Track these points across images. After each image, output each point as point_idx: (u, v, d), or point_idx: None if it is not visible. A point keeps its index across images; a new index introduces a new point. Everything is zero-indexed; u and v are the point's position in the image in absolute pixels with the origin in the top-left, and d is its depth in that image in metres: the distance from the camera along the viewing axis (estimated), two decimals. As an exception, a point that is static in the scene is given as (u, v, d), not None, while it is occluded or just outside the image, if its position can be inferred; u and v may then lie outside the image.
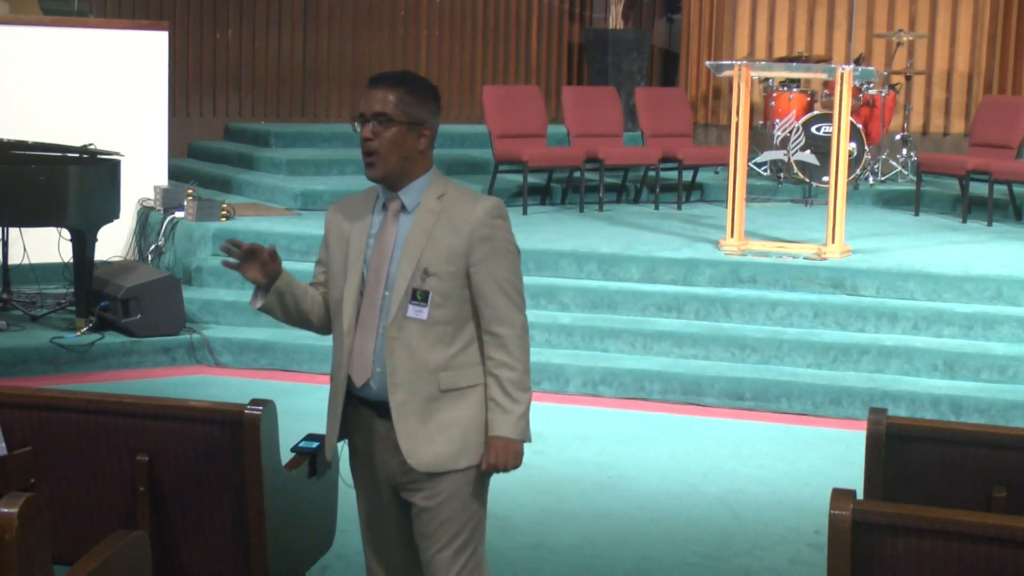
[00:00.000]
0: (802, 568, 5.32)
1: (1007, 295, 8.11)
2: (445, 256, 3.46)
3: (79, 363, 7.87)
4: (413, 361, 3.45)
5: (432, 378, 3.47)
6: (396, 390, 3.46)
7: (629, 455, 6.68)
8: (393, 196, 3.52)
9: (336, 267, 3.57)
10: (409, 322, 3.45)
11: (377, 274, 3.49)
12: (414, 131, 3.48)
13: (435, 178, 3.55)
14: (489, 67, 13.61)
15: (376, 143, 3.45)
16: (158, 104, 9.93)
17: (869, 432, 3.88)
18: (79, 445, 3.84)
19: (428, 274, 3.45)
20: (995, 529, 2.98)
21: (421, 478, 3.49)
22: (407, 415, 3.46)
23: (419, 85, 3.53)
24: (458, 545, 3.53)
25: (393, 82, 3.48)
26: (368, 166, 3.49)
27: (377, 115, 3.45)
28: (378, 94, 3.47)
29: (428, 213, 3.49)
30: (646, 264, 8.58)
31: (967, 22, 12.78)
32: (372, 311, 3.49)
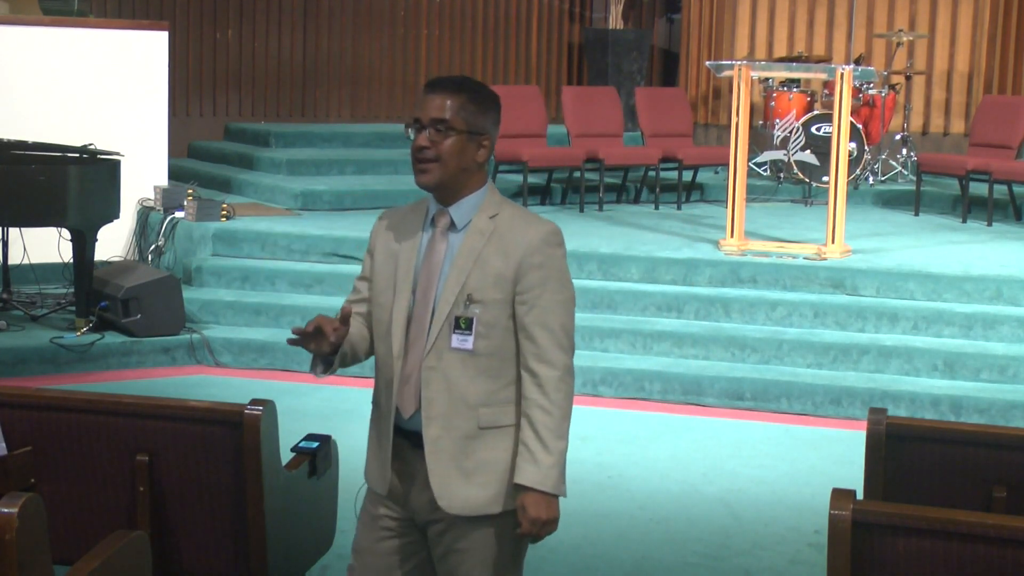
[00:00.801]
0: (802, 568, 5.32)
1: (1007, 295, 8.11)
2: (492, 282, 3.20)
3: (79, 363, 7.87)
4: (451, 394, 3.21)
5: (471, 414, 3.22)
6: (431, 424, 3.21)
7: (629, 455, 6.68)
8: (443, 211, 3.26)
9: (382, 284, 3.32)
10: (450, 352, 3.20)
11: (425, 296, 3.24)
12: (474, 141, 3.22)
13: (490, 196, 3.28)
14: (489, 67, 13.61)
15: (433, 151, 3.19)
16: (158, 104, 9.94)
17: (869, 432, 3.88)
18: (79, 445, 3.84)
19: (472, 301, 3.19)
20: (995, 529, 2.98)
21: (453, 519, 3.26)
22: (440, 452, 3.22)
23: (481, 92, 3.26)
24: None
25: (454, 88, 3.22)
26: (420, 172, 3.23)
27: (436, 122, 3.19)
28: (437, 100, 3.20)
29: (478, 234, 3.23)
30: (646, 264, 8.58)
31: (967, 22, 12.78)
32: (420, 334, 3.24)
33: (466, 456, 3.23)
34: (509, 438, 3.26)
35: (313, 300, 8.57)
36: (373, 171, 11.13)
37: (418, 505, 3.29)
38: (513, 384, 3.26)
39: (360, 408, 7.37)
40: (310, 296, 8.68)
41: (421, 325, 3.24)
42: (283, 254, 9.09)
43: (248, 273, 8.88)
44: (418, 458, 3.26)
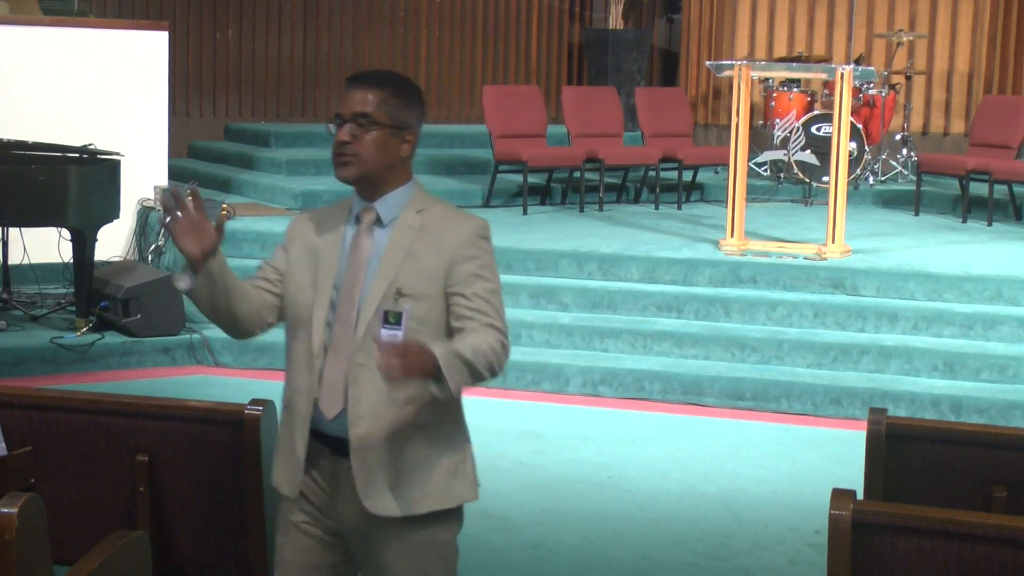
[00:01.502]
0: (802, 568, 5.32)
1: (1007, 295, 8.11)
2: (424, 276, 3.12)
3: (79, 363, 7.87)
4: (380, 392, 3.07)
5: (403, 411, 3.11)
6: (359, 423, 3.10)
7: (629, 455, 6.68)
8: (368, 207, 3.19)
9: (301, 281, 3.22)
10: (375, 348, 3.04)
11: (350, 294, 3.14)
12: (397, 136, 3.17)
13: (416, 191, 3.23)
14: (489, 67, 13.60)
15: (354, 146, 3.13)
16: (158, 104, 9.93)
17: (869, 432, 3.88)
18: (79, 445, 3.84)
19: (402, 295, 3.10)
20: (995, 529, 2.98)
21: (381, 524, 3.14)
22: (368, 451, 3.10)
23: (404, 86, 3.20)
24: None
25: (376, 81, 3.16)
26: (341, 165, 3.16)
27: (358, 116, 3.13)
28: (359, 94, 3.14)
29: (407, 229, 3.15)
30: (646, 264, 8.58)
31: (967, 22, 12.78)
32: (346, 335, 3.14)
33: (394, 456, 3.12)
34: (442, 436, 3.18)
35: (313, 300, 8.56)
36: (373, 171, 11.12)
37: (344, 514, 3.18)
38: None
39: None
40: (310, 296, 8.67)
41: (346, 323, 3.15)
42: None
43: (248, 273, 8.79)
44: (341, 465, 3.15)
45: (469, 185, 11.01)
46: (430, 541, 3.21)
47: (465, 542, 4.57)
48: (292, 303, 3.25)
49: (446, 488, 3.19)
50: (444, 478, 3.18)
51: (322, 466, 3.19)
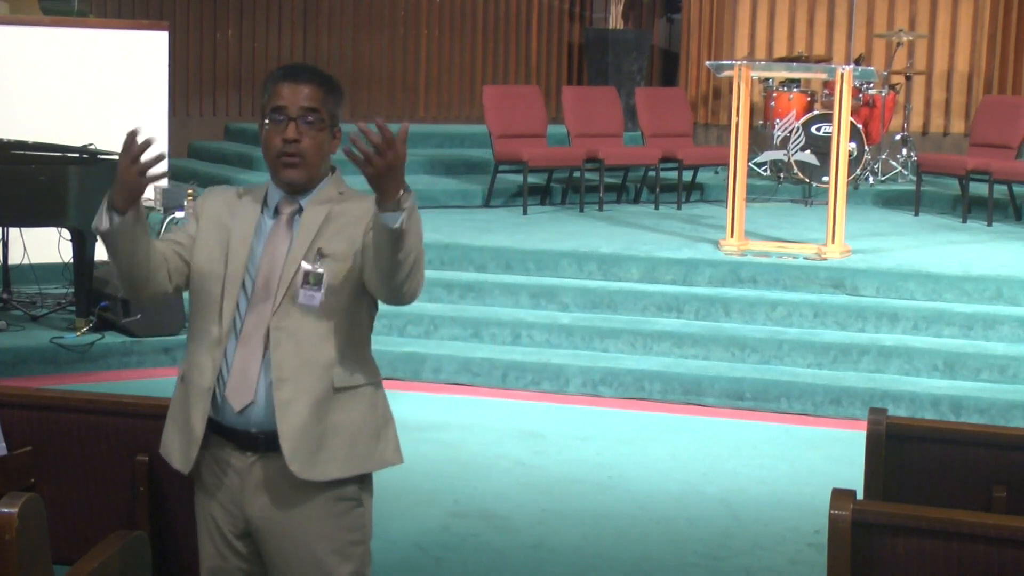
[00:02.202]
0: (802, 568, 5.31)
1: (1007, 295, 8.11)
2: (345, 239, 3.07)
3: (79, 363, 7.87)
4: (302, 355, 3.04)
5: (324, 374, 3.06)
6: (282, 387, 3.03)
7: (629, 455, 6.67)
8: (291, 199, 3.14)
9: (209, 254, 3.13)
10: (299, 311, 3.04)
11: (267, 282, 3.08)
12: (332, 133, 3.15)
13: (338, 179, 3.20)
14: (489, 67, 13.60)
15: (301, 146, 3.07)
16: (158, 104, 9.94)
17: (869, 432, 3.88)
18: (79, 445, 3.84)
19: (323, 255, 3.05)
20: (995, 529, 2.98)
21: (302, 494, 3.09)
22: (293, 416, 3.03)
23: (336, 82, 3.20)
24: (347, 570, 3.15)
25: (318, 77, 3.14)
26: (289, 167, 3.08)
27: (307, 111, 3.08)
28: (305, 89, 3.10)
29: (323, 202, 3.12)
30: (646, 264, 8.58)
31: (967, 22, 12.78)
32: (259, 327, 3.06)
33: (319, 419, 3.06)
34: (364, 399, 3.13)
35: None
36: (373, 171, 11.11)
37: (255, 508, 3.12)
38: (362, 344, 3.15)
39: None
40: (310, 296, 8.67)
41: (260, 314, 3.07)
42: (283, 254, 9.07)
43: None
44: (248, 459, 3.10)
45: (469, 185, 11.02)
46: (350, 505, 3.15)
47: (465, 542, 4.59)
48: (198, 274, 3.16)
49: (370, 451, 3.15)
50: (368, 441, 3.14)
51: (228, 463, 3.13)
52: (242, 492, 3.12)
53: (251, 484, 3.11)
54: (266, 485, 3.11)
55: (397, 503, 5.81)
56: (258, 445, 3.09)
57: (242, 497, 3.13)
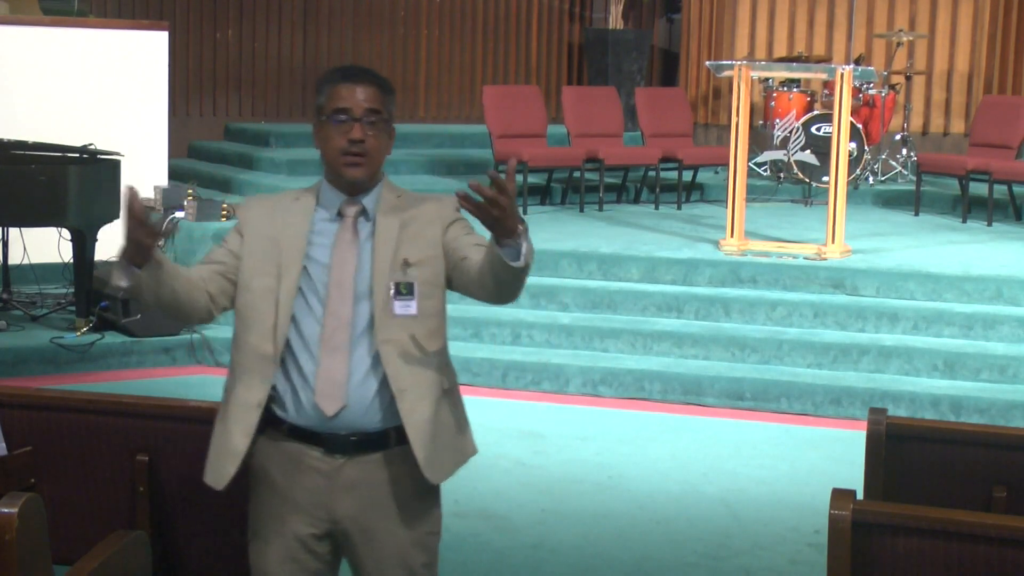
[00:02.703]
0: (802, 568, 5.32)
1: (1007, 295, 8.11)
2: (424, 242, 3.15)
3: (79, 363, 7.87)
4: (413, 363, 3.11)
5: (436, 377, 3.16)
6: (403, 397, 3.09)
7: (629, 455, 6.67)
8: (353, 201, 3.19)
9: (258, 269, 3.18)
10: (398, 322, 3.10)
11: (341, 289, 3.12)
12: (391, 133, 3.23)
13: (389, 182, 3.26)
14: (489, 67, 13.60)
15: (369, 144, 3.14)
16: (158, 104, 9.94)
17: (869, 432, 3.88)
18: (79, 445, 3.84)
19: (409, 264, 3.12)
20: (995, 529, 2.98)
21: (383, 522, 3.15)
22: (420, 423, 3.11)
23: (391, 83, 3.27)
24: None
25: (376, 78, 3.20)
26: (354, 165, 3.14)
27: (371, 112, 3.15)
28: (367, 90, 3.16)
29: (391, 211, 3.17)
30: (646, 264, 8.58)
31: (967, 22, 12.78)
32: (340, 329, 3.10)
33: (437, 421, 3.14)
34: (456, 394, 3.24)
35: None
36: (373, 171, 11.11)
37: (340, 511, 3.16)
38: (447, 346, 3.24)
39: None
40: (310, 296, 8.67)
41: (338, 318, 3.11)
42: (283, 254, 9.07)
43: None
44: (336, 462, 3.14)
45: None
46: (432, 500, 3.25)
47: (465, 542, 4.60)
48: (246, 291, 3.20)
49: (464, 444, 3.26)
50: (462, 434, 3.25)
51: (312, 466, 3.15)
52: (329, 494, 3.15)
53: (339, 485, 3.14)
54: (356, 485, 3.14)
55: (397, 503, 5.81)
56: (349, 448, 3.13)
57: (329, 499, 3.15)
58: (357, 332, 3.12)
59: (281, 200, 3.27)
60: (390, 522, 3.16)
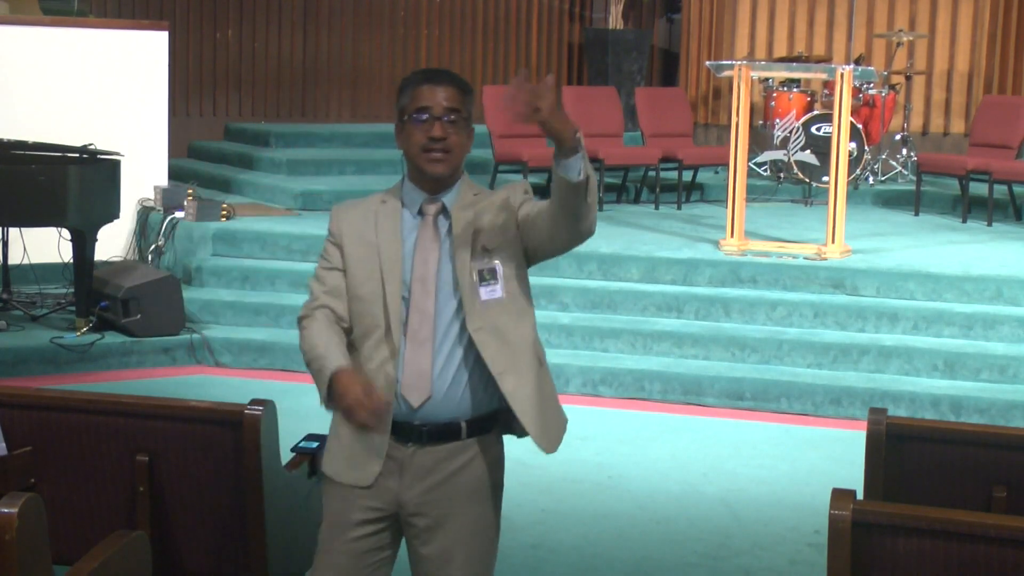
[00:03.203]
0: (802, 568, 5.32)
1: (1007, 295, 8.11)
2: (500, 227, 3.30)
3: (79, 363, 7.87)
4: (509, 345, 3.27)
5: (531, 353, 3.32)
6: (504, 379, 3.25)
7: (629, 455, 6.68)
8: (433, 199, 3.32)
9: (364, 278, 3.29)
10: (486, 307, 3.26)
11: (424, 284, 3.26)
12: (470, 132, 3.37)
13: (468, 180, 3.41)
14: (489, 67, 13.61)
15: (450, 141, 3.28)
16: (158, 104, 9.94)
17: (869, 432, 3.88)
18: (79, 445, 3.84)
19: (488, 250, 3.28)
20: (995, 529, 2.98)
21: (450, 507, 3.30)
22: (525, 399, 3.28)
23: (470, 85, 3.41)
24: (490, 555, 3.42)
25: (456, 80, 3.34)
26: (435, 161, 3.27)
27: (450, 111, 3.28)
28: (447, 91, 3.29)
29: (466, 207, 3.32)
30: (646, 264, 8.58)
31: (967, 22, 12.78)
32: (424, 323, 3.24)
33: (540, 394, 3.32)
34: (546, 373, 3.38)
35: (313, 300, 8.56)
36: (373, 171, 11.12)
37: (407, 497, 3.30)
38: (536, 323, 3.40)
39: (360, 408, 7.39)
40: (310, 296, 8.67)
41: (423, 313, 3.25)
42: (283, 254, 9.09)
43: (248, 273, 8.89)
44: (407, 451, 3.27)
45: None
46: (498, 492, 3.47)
47: (465, 542, 4.52)
48: (357, 300, 3.31)
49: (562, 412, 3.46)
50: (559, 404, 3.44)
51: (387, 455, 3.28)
52: (400, 479, 3.29)
53: (410, 472, 3.28)
54: (425, 473, 3.28)
55: (397, 503, 5.82)
56: (421, 437, 3.27)
57: (398, 485, 3.29)
58: (442, 326, 3.25)
59: (370, 205, 3.38)
60: (456, 510, 3.30)
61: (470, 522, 3.33)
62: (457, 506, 3.31)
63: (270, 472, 3.84)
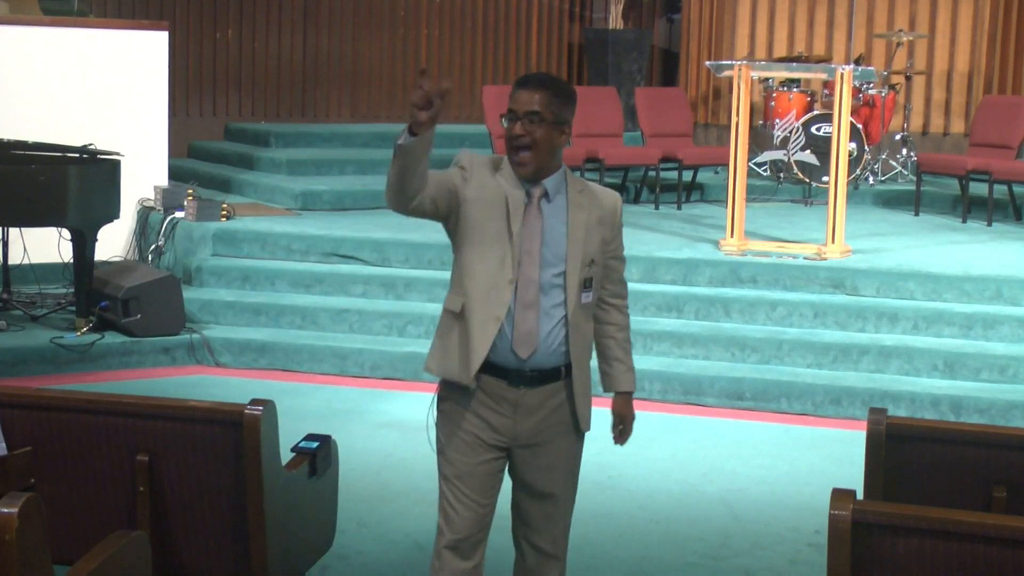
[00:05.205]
0: (802, 568, 5.32)
1: (1007, 295, 8.11)
2: (599, 247, 3.86)
3: (79, 363, 7.87)
4: (582, 339, 3.88)
5: (589, 349, 3.95)
6: (576, 367, 3.87)
7: (629, 455, 6.65)
8: (537, 184, 3.80)
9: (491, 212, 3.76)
10: (580, 306, 3.84)
11: (531, 255, 3.78)
12: (558, 129, 3.77)
13: (568, 173, 3.89)
14: (489, 67, 13.60)
15: (528, 139, 3.74)
16: (158, 104, 9.94)
17: (869, 432, 3.88)
18: (79, 445, 3.84)
19: (593, 264, 3.85)
20: (995, 529, 2.98)
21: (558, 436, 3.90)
22: (583, 387, 3.92)
23: (564, 88, 3.82)
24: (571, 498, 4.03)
25: (542, 84, 3.78)
26: (520, 164, 3.76)
27: (530, 114, 3.74)
28: (528, 94, 3.75)
29: (579, 208, 3.83)
30: (646, 264, 8.57)
31: (967, 22, 12.78)
32: (531, 290, 3.78)
33: (588, 382, 3.95)
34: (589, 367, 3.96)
35: (313, 300, 8.57)
36: (373, 171, 11.12)
37: (522, 430, 3.86)
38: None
39: (360, 408, 7.39)
40: (310, 296, 8.68)
41: (530, 280, 3.78)
42: (283, 254, 9.09)
43: (248, 273, 8.88)
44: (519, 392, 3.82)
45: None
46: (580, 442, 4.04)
47: (465, 542, 4.52)
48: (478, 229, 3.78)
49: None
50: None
51: (503, 397, 3.83)
52: (515, 415, 3.85)
53: (523, 409, 3.85)
54: (535, 409, 3.86)
55: (397, 503, 5.82)
56: (532, 381, 3.83)
57: (513, 421, 3.85)
58: (544, 293, 3.79)
59: (496, 163, 3.85)
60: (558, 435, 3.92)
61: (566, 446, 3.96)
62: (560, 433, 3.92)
63: (270, 472, 3.84)
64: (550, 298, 3.81)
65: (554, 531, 4.05)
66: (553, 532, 4.05)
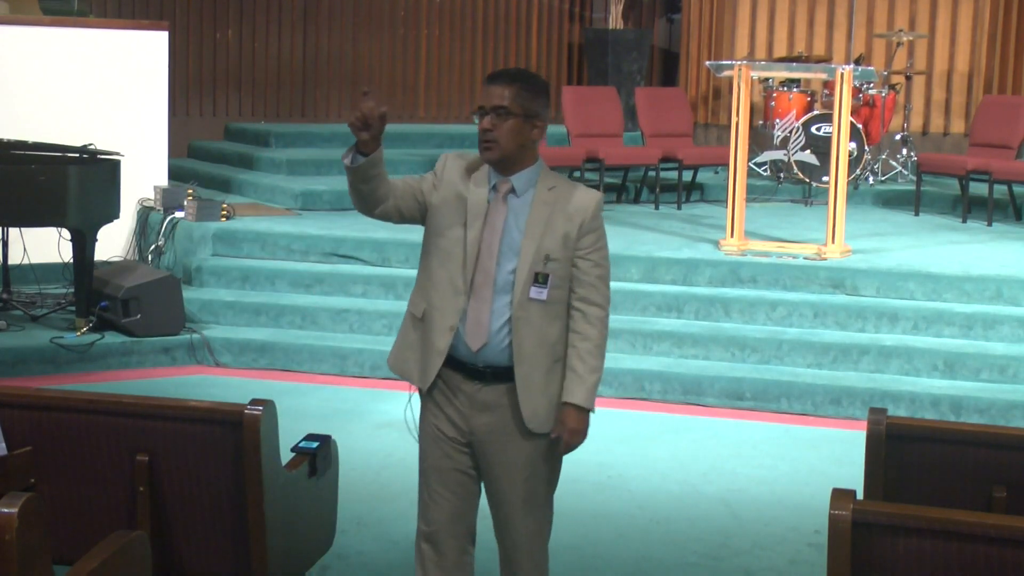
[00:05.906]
0: (802, 568, 5.32)
1: (1007, 295, 8.11)
2: (561, 243, 3.83)
3: (79, 363, 7.87)
4: (536, 336, 3.83)
5: (551, 351, 3.87)
6: (521, 363, 3.82)
7: (629, 455, 6.67)
8: (504, 180, 3.83)
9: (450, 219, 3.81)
10: (531, 302, 3.81)
11: (489, 249, 3.81)
12: (528, 123, 3.80)
13: (544, 170, 3.89)
14: (489, 67, 13.59)
15: (495, 133, 3.77)
16: (158, 104, 9.94)
17: (869, 432, 3.88)
18: (79, 445, 3.84)
19: (550, 259, 3.81)
20: (995, 529, 2.98)
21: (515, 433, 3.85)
22: (532, 385, 3.84)
23: (533, 82, 3.85)
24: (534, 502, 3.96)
25: (509, 79, 3.82)
26: (485, 150, 3.78)
27: (496, 108, 3.77)
28: (497, 89, 3.79)
29: (543, 204, 3.83)
30: (646, 264, 8.57)
31: (967, 22, 12.78)
32: (486, 284, 3.80)
33: (547, 385, 3.86)
34: (562, 368, 3.90)
35: (313, 300, 8.57)
36: (373, 171, 11.10)
37: (476, 425, 3.86)
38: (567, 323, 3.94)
39: (360, 408, 7.39)
40: (310, 296, 8.68)
41: (486, 274, 3.80)
42: (283, 254, 9.09)
43: (248, 273, 8.88)
44: (475, 386, 3.84)
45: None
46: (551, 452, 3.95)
47: (465, 542, 4.52)
48: (439, 235, 3.85)
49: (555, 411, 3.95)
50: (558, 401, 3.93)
51: (459, 388, 3.86)
52: (470, 410, 3.87)
53: (477, 405, 3.86)
54: (489, 407, 3.86)
55: (397, 503, 5.81)
56: (486, 377, 3.85)
57: (469, 414, 3.87)
58: (498, 288, 3.81)
59: (471, 164, 3.89)
60: (512, 437, 3.87)
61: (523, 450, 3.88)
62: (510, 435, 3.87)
63: (270, 472, 3.84)
64: (504, 293, 3.82)
65: (516, 539, 3.99)
66: (515, 539, 3.99)
